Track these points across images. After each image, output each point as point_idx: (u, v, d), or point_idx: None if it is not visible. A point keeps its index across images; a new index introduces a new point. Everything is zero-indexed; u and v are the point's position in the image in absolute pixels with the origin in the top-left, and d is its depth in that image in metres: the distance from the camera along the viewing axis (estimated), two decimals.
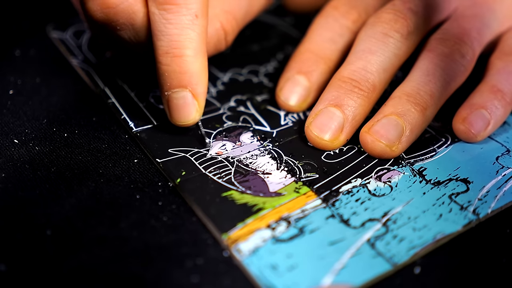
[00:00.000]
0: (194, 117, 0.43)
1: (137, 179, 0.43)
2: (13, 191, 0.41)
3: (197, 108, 0.43)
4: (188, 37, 0.41)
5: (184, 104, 0.42)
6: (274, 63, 0.54)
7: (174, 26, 0.41)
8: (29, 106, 0.48)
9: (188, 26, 0.41)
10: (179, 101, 0.42)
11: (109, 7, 0.41)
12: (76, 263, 0.37)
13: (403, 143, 0.44)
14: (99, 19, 0.42)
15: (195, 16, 0.41)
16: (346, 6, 0.49)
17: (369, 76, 0.45)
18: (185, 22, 0.41)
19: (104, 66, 0.51)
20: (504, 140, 0.46)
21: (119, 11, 0.41)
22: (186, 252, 0.38)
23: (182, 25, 0.41)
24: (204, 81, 0.42)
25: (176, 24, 0.41)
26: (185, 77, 0.42)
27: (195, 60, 0.41)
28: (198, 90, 0.42)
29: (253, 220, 0.40)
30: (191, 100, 0.42)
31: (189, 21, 0.41)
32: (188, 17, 0.41)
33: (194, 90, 0.42)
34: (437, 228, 0.40)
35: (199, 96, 0.42)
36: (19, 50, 0.53)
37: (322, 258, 0.38)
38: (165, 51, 0.41)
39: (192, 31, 0.41)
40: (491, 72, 0.47)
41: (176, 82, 0.42)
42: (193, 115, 0.43)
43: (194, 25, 0.41)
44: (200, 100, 0.43)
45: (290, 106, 0.48)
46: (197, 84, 0.42)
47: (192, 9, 0.41)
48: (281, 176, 0.43)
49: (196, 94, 0.42)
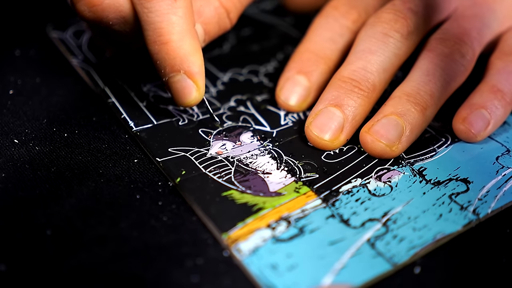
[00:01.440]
0: (196, 97, 0.43)
1: (137, 179, 0.43)
2: (13, 191, 0.41)
3: (196, 87, 0.43)
4: (170, 22, 0.41)
5: (182, 86, 0.43)
6: (274, 63, 0.54)
7: (155, 14, 0.41)
8: (29, 106, 0.48)
9: (168, 11, 0.41)
10: (177, 84, 0.43)
11: (95, 4, 0.41)
12: (76, 263, 0.37)
13: (403, 143, 0.44)
14: (90, 18, 0.42)
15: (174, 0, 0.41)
16: (346, 6, 0.49)
17: (369, 76, 0.45)
18: (164, 8, 0.41)
19: (104, 66, 0.51)
20: (504, 140, 0.46)
21: (106, 7, 0.41)
22: (186, 252, 0.38)
23: (161, 11, 0.41)
24: (197, 60, 0.42)
25: (156, 12, 0.41)
26: (176, 62, 0.42)
27: (182, 43, 0.42)
28: (192, 70, 0.42)
29: (253, 220, 0.40)
30: (188, 82, 0.43)
31: (169, 5, 0.41)
32: (167, 2, 0.41)
33: (188, 72, 0.42)
34: (437, 228, 0.40)
35: (195, 76, 0.43)
36: (19, 50, 0.53)
37: (322, 258, 0.38)
38: (152, 40, 0.42)
39: (173, 15, 0.41)
40: (491, 72, 0.47)
41: (169, 68, 0.42)
42: (193, 95, 0.43)
43: (174, 9, 0.41)
44: (197, 79, 0.43)
45: (290, 106, 0.48)
46: (190, 66, 0.42)
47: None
48: (281, 176, 0.43)
49: (191, 75, 0.43)
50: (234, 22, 0.46)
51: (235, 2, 0.46)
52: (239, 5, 0.46)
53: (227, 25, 0.46)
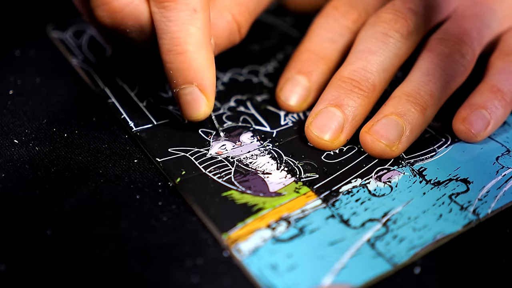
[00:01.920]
0: (205, 111, 0.43)
1: (137, 179, 0.43)
2: (13, 191, 0.41)
3: (206, 102, 0.43)
4: (188, 33, 0.41)
5: (193, 99, 0.43)
6: (274, 63, 0.54)
7: (174, 23, 0.41)
8: (29, 106, 0.48)
9: (187, 22, 0.41)
10: (188, 97, 0.43)
11: (115, 11, 0.41)
12: (76, 263, 0.37)
13: (403, 143, 0.44)
14: (108, 24, 0.42)
15: (194, 10, 0.41)
16: (346, 6, 0.49)
17: (369, 76, 0.45)
18: (184, 18, 0.41)
19: (104, 66, 0.51)
20: (504, 140, 0.46)
21: (126, 14, 0.41)
22: (186, 252, 0.38)
23: (181, 21, 0.41)
24: (210, 75, 0.42)
25: (176, 21, 0.41)
26: (190, 73, 0.42)
27: (198, 55, 0.41)
28: (205, 84, 0.42)
29: (253, 220, 0.40)
30: (199, 95, 0.42)
31: (188, 16, 0.41)
32: (187, 13, 0.41)
33: (201, 85, 0.42)
34: (437, 228, 0.40)
35: (206, 90, 0.42)
36: (19, 50, 0.53)
37: (322, 258, 0.38)
38: (168, 49, 0.41)
39: (192, 26, 0.41)
40: (491, 72, 0.47)
41: (181, 79, 0.42)
42: (203, 109, 0.43)
43: (194, 20, 0.41)
44: (208, 94, 0.43)
45: (290, 106, 0.48)
46: (203, 79, 0.42)
47: (190, 4, 0.41)
48: (281, 176, 0.43)
49: (203, 89, 0.42)
50: (244, 37, 0.46)
51: (247, 16, 0.46)
52: (250, 20, 0.46)
53: (237, 39, 0.46)
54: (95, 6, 0.41)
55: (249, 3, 0.46)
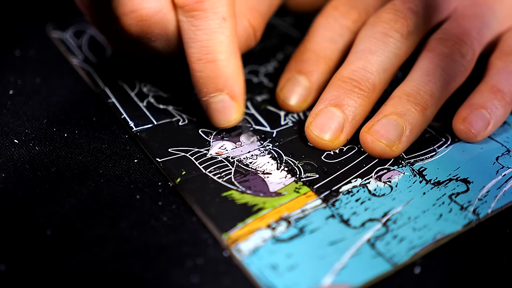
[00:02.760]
0: (236, 118, 0.44)
1: (137, 179, 0.43)
2: (13, 191, 0.41)
3: (237, 108, 0.43)
4: (218, 41, 0.41)
5: (223, 107, 0.43)
6: (274, 63, 0.54)
7: (203, 32, 0.41)
8: (29, 106, 0.48)
9: (217, 30, 0.41)
10: (218, 105, 0.43)
11: (143, 19, 0.41)
12: (76, 263, 0.37)
13: (403, 143, 0.44)
14: (134, 32, 0.42)
15: (223, 19, 0.41)
16: (346, 6, 0.49)
17: (369, 76, 0.45)
18: (214, 27, 0.41)
19: (104, 66, 0.51)
20: (504, 140, 0.46)
21: (154, 22, 0.41)
22: (186, 252, 0.38)
23: (211, 29, 0.41)
24: (241, 81, 0.42)
25: (205, 30, 0.41)
26: (221, 81, 0.42)
27: (228, 62, 0.41)
28: (236, 91, 0.42)
29: (253, 220, 0.40)
30: (230, 103, 0.43)
31: (217, 25, 0.41)
32: (216, 21, 0.41)
33: (232, 92, 0.42)
34: (437, 228, 0.40)
35: (237, 97, 0.43)
36: (19, 50, 0.53)
37: (322, 258, 0.38)
38: (197, 58, 0.41)
39: (221, 35, 0.41)
40: (491, 72, 0.47)
41: (212, 87, 0.42)
42: (234, 116, 0.43)
43: (223, 28, 0.41)
44: (239, 101, 0.43)
45: (290, 106, 0.48)
46: (234, 86, 0.42)
47: (219, 13, 0.41)
48: (281, 176, 0.43)
49: (234, 96, 0.42)
50: (259, 40, 0.47)
51: (260, 20, 0.46)
52: (263, 23, 0.46)
53: (253, 42, 0.46)
54: (122, 13, 0.41)
55: (261, 6, 0.46)
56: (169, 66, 0.51)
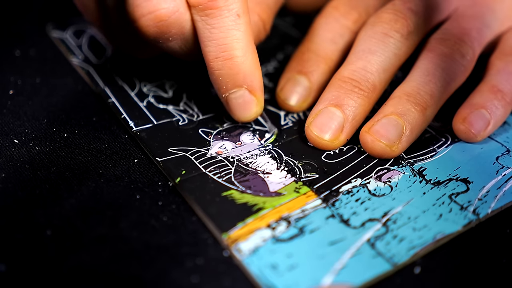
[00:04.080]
0: (256, 112, 0.44)
1: (137, 179, 0.43)
2: (13, 191, 0.41)
3: (257, 102, 0.44)
4: (234, 38, 0.41)
5: (244, 102, 0.43)
6: (274, 63, 0.54)
7: (219, 30, 0.41)
8: (29, 106, 0.48)
9: (232, 27, 0.41)
10: (238, 100, 0.43)
11: (161, 20, 0.41)
12: (76, 263, 0.37)
13: (403, 143, 0.44)
14: (152, 34, 0.42)
15: (237, 15, 0.41)
16: (347, 6, 0.49)
17: (369, 76, 0.45)
18: (229, 24, 0.41)
19: (104, 66, 0.51)
20: (504, 140, 0.46)
21: (171, 23, 0.41)
22: (186, 252, 0.38)
23: (226, 27, 0.41)
24: (259, 76, 0.43)
25: (220, 28, 0.41)
26: (240, 77, 0.42)
27: (246, 58, 0.42)
28: (255, 85, 0.43)
29: (253, 220, 0.40)
30: (249, 97, 0.43)
31: (232, 21, 0.41)
32: (231, 18, 0.41)
33: (251, 87, 0.43)
34: (437, 228, 0.40)
35: (256, 91, 0.43)
36: (19, 50, 0.53)
37: (322, 258, 0.38)
38: (215, 56, 0.41)
39: (237, 31, 0.41)
40: (491, 72, 0.47)
41: (231, 83, 0.42)
42: (254, 110, 0.44)
43: (238, 25, 0.41)
44: (258, 95, 0.44)
45: (290, 106, 0.48)
46: (252, 81, 0.43)
47: (233, 9, 0.41)
48: (281, 176, 0.43)
49: (253, 90, 0.43)
50: (268, 33, 0.47)
51: (269, 13, 0.46)
52: (271, 16, 0.47)
53: (263, 36, 0.47)
54: (139, 16, 0.41)
55: (269, 1, 0.46)
56: (169, 66, 0.51)
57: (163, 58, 0.50)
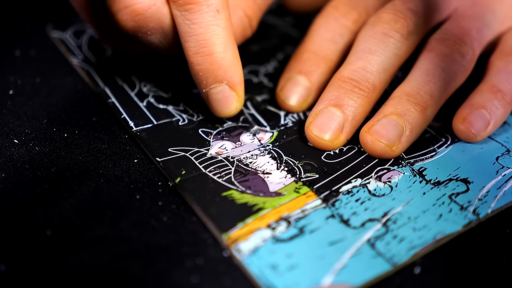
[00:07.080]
0: (236, 107, 0.44)
1: (137, 179, 0.43)
2: (13, 191, 0.41)
3: (237, 98, 0.44)
4: (214, 33, 0.41)
5: (224, 97, 0.43)
6: (274, 63, 0.54)
7: (198, 26, 0.41)
8: (29, 106, 0.48)
9: (211, 23, 0.41)
10: (218, 95, 0.43)
11: (138, 14, 0.41)
12: (76, 263, 0.37)
13: (403, 143, 0.44)
14: (130, 28, 0.42)
15: (217, 11, 0.41)
16: (347, 6, 0.49)
17: (369, 76, 0.45)
18: (208, 19, 0.41)
19: (104, 66, 0.51)
20: (504, 140, 0.46)
21: (148, 17, 0.41)
22: (186, 252, 0.38)
23: (206, 23, 0.41)
24: (239, 71, 0.43)
25: (200, 23, 0.41)
26: (220, 73, 0.42)
27: (226, 54, 0.42)
28: (235, 81, 0.43)
29: (253, 220, 0.40)
30: (229, 92, 0.43)
31: (212, 17, 0.41)
32: (210, 14, 0.41)
33: (231, 82, 0.43)
34: (437, 228, 0.40)
35: (236, 87, 0.43)
36: (19, 50, 0.53)
37: (322, 258, 0.38)
38: (195, 52, 0.42)
39: (216, 27, 0.41)
40: (491, 72, 0.47)
41: (211, 79, 0.43)
42: (234, 105, 0.44)
43: (218, 20, 0.41)
44: (238, 90, 0.44)
45: (290, 106, 0.48)
46: (232, 76, 0.43)
47: (213, 5, 0.41)
48: (281, 176, 0.43)
49: (233, 85, 0.43)
50: (255, 30, 0.47)
51: (255, 9, 0.46)
52: (259, 12, 0.47)
53: (249, 33, 0.46)
54: (117, 10, 0.41)
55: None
56: (168, 66, 0.51)
57: (163, 58, 0.50)
